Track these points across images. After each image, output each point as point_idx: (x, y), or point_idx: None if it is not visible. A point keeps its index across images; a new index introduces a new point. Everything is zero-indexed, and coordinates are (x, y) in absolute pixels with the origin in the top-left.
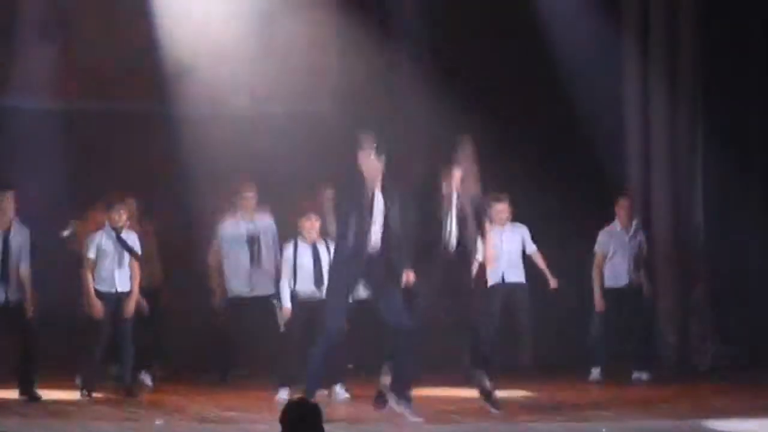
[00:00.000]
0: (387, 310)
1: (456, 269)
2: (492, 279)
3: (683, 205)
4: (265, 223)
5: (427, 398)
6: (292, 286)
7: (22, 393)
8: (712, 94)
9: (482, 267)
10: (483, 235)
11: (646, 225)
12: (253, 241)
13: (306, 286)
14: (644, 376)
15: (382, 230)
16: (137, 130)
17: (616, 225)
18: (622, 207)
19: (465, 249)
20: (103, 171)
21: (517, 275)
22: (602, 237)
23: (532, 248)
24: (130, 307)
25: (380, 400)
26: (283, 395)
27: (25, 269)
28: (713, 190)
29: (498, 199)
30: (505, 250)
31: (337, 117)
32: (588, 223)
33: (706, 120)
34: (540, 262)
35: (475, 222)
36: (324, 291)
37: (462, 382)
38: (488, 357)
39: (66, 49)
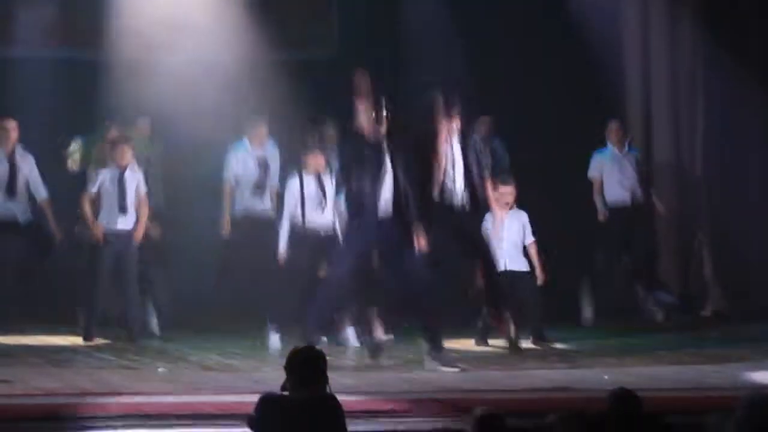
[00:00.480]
0: (403, 275)
1: (468, 222)
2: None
3: (684, 145)
4: (272, 151)
5: None
6: (300, 217)
7: None
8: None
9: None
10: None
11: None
12: (262, 166)
13: (313, 215)
14: (659, 316)
15: (392, 192)
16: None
17: (608, 148)
18: (611, 130)
19: (474, 200)
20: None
21: (518, 263)
22: (593, 162)
23: (529, 238)
24: (137, 238)
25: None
26: (275, 341)
27: (42, 196)
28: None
29: (504, 182)
30: (506, 238)
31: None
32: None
33: (706, 61)
34: (533, 253)
35: (478, 169)
36: (327, 220)
37: (464, 332)
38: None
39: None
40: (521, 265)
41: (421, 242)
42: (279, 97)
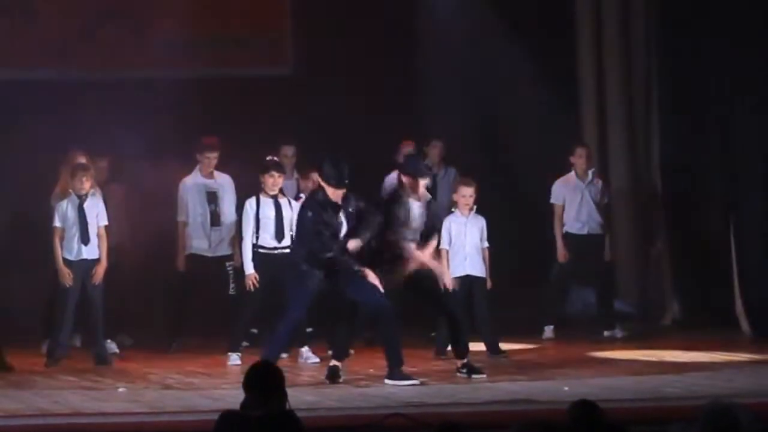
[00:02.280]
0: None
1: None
2: (454, 271)
3: (640, 158)
4: (225, 180)
5: None
6: (255, 240)
7: None
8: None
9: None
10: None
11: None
12: (213, 198)
13: (268, 239)
14: (618, 333)
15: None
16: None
17: (571, 175)
18: (579, 156)
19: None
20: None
21: (478, 268)
22: (556, 188)
23: (484, 243)
24: (99, 274)
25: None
26: (235, 360)
27: None
28: (670, 142)
29: (467, 184)
30: (468, 241)
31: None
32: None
33: (660, 68)
34: (486, 258)
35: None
36: (284, 244)
37: (425, 345)
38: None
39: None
40: (480, 271)
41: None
42: (231, 117)
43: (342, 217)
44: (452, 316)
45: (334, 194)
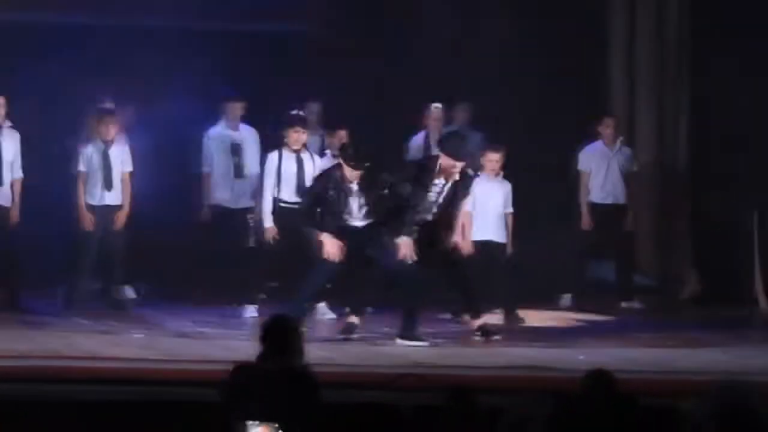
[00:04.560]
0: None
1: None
2: (476, 234)
3: (668, 134)
4: (249, 132)
5: None
6: (276, 194)
7: (7, 305)
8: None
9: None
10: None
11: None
12: (237, 150)
13: (289, 193)
14: (636, 304)
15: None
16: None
17: (599, 143)
18: (607, 125)
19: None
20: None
21: (499, 234)
22: (583, 155)
23: (508, 209)
24: (120, 220)
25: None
26: (252, 312)
27: (16, 174)
28: (699, 120)
29: (494, 149)
30: (491, 206)
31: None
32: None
33: (693, 48)
34: (509, 224)
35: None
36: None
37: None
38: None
39: None
40: (501, 237)
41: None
42: (254, 72)
43: (353, 192)
44: (462, 280)
45: (351, 174)
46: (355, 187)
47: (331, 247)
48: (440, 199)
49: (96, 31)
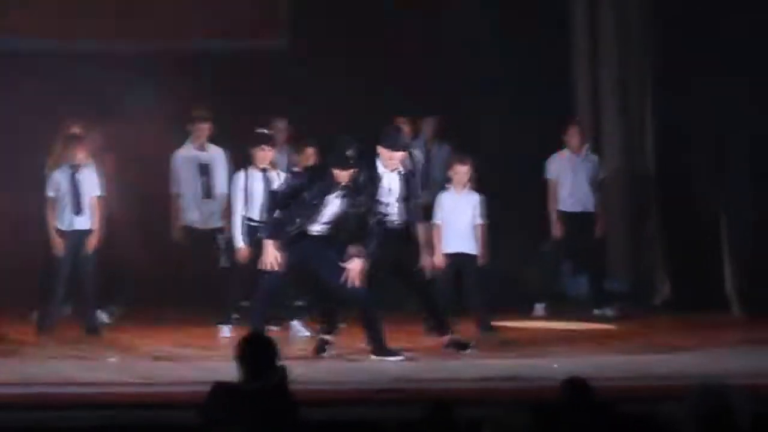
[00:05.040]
0: (333, 284)
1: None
2: (446, 246)
3: (634, 141)
4: (217, 153)
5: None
6: (245, 212)
7: None
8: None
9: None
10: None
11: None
12: (205, 170)
13: (257, 212)
14: (608, 311)
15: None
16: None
17: (565, 152)
18: (572, 134)
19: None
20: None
21: (469, 246)
22: (550, 164)
23: (478, 220)
24: (91, 244)
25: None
26: (226, 332)
27: None
28: (664, 126)
29: (461, 161)
30: (461, 218)
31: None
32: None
33: (656, 51)
34: (480, 235)
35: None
36: None
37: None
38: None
39: None
40: (471, 248)
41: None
42: (223, 91)
43: (333, 200)
44: (424, 294)
45: (343, 176)
46: (339, 193)
47: (269, 257)
48: (394, 195)
49: (62, 56)
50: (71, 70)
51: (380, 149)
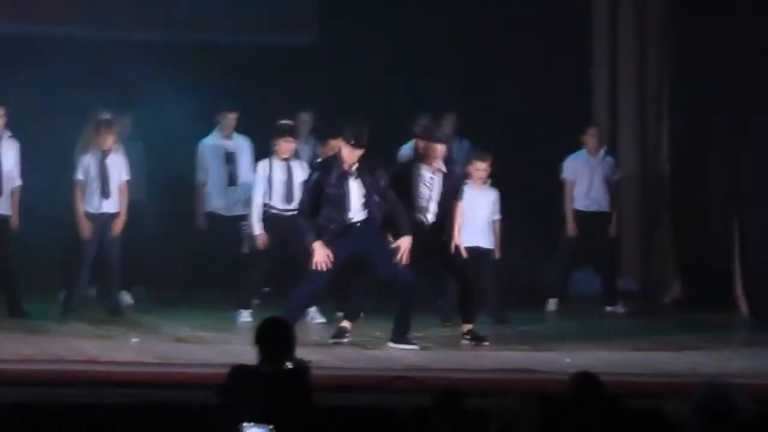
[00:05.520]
0: (383, 266)
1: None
2: (464, 240)
3: (649, 143)
4: (243, 142)
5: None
6: (267, 201)
7: (9, 312)
8: (681, 30)
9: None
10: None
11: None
12: (231, 159)
13: (278, 201)
14: (620, 309)
15: (364, 205)
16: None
17: (583, 152)
18: (591, 135)
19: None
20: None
21: (486, 240)
22: (567, 164)
23: (496, 216)
24: (117, 227)
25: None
26: (246, 317)
27: (16, 183)
28: (680, 129)
29: (481, 158)
30: (479, 214)
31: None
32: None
33: (673, 57)
34: (496, 230)
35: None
36: (293, 206)
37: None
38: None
39: None
40: (488, 243)
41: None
42: (252, 84)
43: (352, 183)
44: (464, 281)
45: (350, 155)
46: (354, 175)
47: (320, 257)
48: (433, 193)
49: (93, 43)
50: (102, 58)
51: (420, 142)
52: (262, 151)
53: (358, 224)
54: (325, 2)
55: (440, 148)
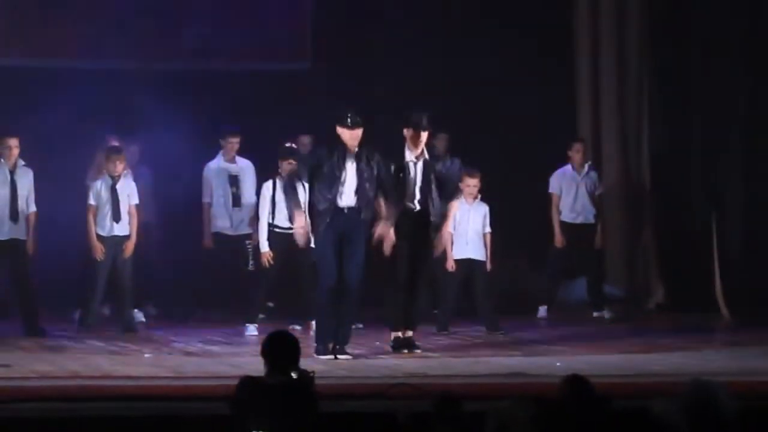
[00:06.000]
0: (347, 262)
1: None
2: (456, 253)
3: (631, 153)
4: (246, 164)
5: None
6: (271, 221)
7: (27, 331)
8: (658, 35)
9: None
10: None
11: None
12: (234, 181)
13: (283, 220)
14: (606, 314)
15: (356, 192)
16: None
17: (568, 168)
18: (576, 151)
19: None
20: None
21: (478, 252)
22: (553, 179)
23: (487, 229)
24: (129, 249)
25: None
26: (252, 331)
27: (31, 209)
28: (660, 136)
29: (471, 174)
30: (471, 227)
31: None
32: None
33: (652, 64)
34: (488, 243)
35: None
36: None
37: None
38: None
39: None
40: (480, 254)
41: (389, 238)
42: (252, 108)
43: (350, 167)
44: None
45: (351, 137)
46: (353, 159)
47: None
48: (418, 180)
49: (102, 74)
50: (111, 88)
51: (406, 131)
52: (265, 171)
53: (346, 211)
54: (319, 27)
55: (424, 135)
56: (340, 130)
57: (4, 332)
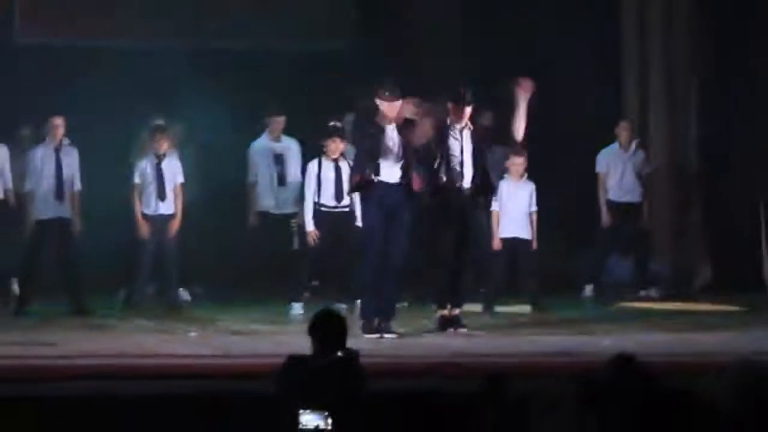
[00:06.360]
0: (392, 240)
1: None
2: (503, 231)
3: (680, 131)
4: (291, 143)
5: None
6: (317, 199)
7: (73, 310)
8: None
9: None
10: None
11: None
12: (279, 160)
13: (328, 198)
14: (653, 292)
15: (401, 166)
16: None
17: (615, 146)
18: (623, 128)
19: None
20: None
21: (523, 231)
22: (600, 158)
23: (533, 207)
24: (173, 228)
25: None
26: (297, 310)
27: (76, 188)
28: (709, 118)
29: (517, 153)
30: (516, 206)
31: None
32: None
33: (702, 48)
34: (533, 222)
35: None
36: (343, 203)
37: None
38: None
39: None
40: (525, 233)
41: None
42: (296, 88)
43: (390, 135)
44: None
45: (389, 108)
46: (391, 127)
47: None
48: (463, 148)
49: (148, 54)
50: (155, 68)
51: (450, 106)
52: (307, 150)
53: (391, 187)
54: (361, 5)
55: (467, 109)
56: (378, 101)
57: (51, 311)
